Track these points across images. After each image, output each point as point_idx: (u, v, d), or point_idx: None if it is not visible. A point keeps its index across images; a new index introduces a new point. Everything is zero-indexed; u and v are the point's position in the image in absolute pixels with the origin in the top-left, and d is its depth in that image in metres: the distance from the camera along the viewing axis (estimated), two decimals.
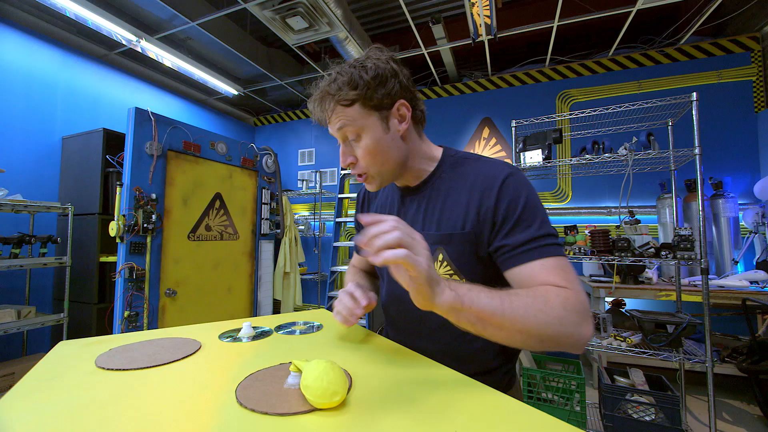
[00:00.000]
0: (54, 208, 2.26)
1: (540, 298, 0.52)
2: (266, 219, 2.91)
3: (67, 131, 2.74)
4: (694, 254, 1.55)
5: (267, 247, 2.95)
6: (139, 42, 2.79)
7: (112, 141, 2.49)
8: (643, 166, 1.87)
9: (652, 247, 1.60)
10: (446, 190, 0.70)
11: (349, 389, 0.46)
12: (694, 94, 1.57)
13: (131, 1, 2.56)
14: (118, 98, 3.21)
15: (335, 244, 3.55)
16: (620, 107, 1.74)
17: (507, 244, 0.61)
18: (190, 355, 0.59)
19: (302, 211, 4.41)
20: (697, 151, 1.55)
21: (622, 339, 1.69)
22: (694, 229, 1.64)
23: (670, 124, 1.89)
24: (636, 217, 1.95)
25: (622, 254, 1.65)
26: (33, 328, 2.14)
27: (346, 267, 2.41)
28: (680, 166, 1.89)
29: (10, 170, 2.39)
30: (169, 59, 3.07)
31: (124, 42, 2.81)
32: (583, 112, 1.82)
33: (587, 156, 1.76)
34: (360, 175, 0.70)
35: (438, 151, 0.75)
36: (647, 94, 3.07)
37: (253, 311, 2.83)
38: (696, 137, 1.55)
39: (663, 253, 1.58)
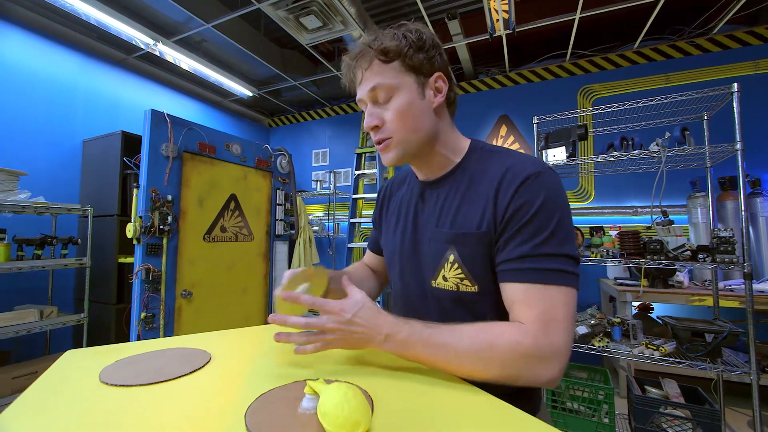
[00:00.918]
0: (74, 209, 2.30)
1: (485, 342, 0.51)
2: (281, 220, 2.90)
3: (88, 134, 2.79)
4: (735, 257, 1.44)
5: (281, 248, 2.94)
6: (156, 45, 2.82)
7: (131, 143, 2.52)
8: (675, 163, 1.76)
9: (687, 250, 1.50)
10: (467, 185, 0.65)
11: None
12: (735, 84, 1.46)
13: (147, 5, 2.58)
14: (137, 101, 3.26)
15: (350, 245, 3.52)
16: (651, 101, 1.64)
17: (500, 251, 0.57)
18: (199, 369, 0.55)
19: (316, 211, 4.40)
20: (738, 146, 1.44)
21: (654, 347, 1.59)
22: (735, 230, 1.52)
23: (706, 118, 1.77)
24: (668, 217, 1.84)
25: (655, 257, 1.55)
26: (55, 327, 2.18)
27: None
28: (717, 164, 1.77)
29: (33, 173, 2.44)
30: (185, 62, 3.10)
31: (141, 45, 2.85)
32: (610, 107, 1.72)
33: (615, 153, 1.67)
34: (380, 142, 0.65)
35: (465, 143, 0.70)
36: (676, 88, 2.91)
37: (268, 312, 2.82)
38: (737, 131, 1.44)
39: (700, 256, 1.47)
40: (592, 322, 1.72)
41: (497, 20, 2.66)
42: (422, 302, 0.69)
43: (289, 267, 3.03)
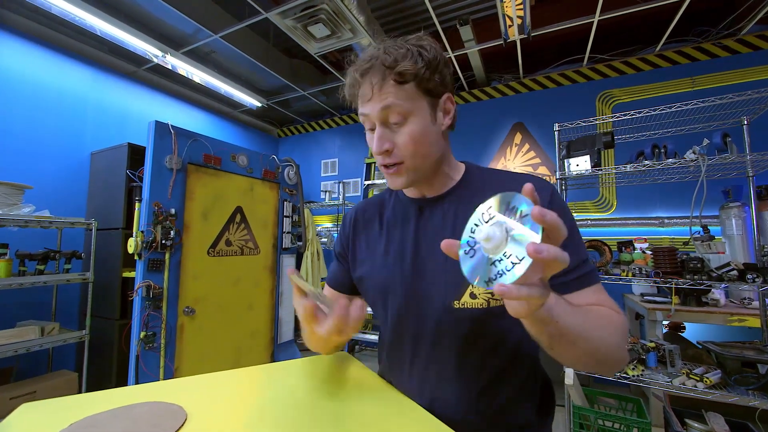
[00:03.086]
0: (78, 223, 2.25)
1: (606, 319, 0.52)
2: (288, 232, 2.82)
3: (97, 147, 2.78)
4: None
5: (288, 261, 2.85)
6: (165, 57, 2.81)
7: (137, 155, 2.48)
8: (713, 172, 1.61)
9: (734, 269, 1.34)
10: (480, 195, 0.59)
11: None
12: None
13: (156, 17, 2.57)
14: (146, 113, 3.25)
15: None
16: (686, 105, 1.50)
17: None
18: None
19: (325, 222, 4.32)
20: None
21: (697, 378, 1.42)
22: None
23: (746, 122, 1.62)
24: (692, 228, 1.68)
25: (695, 277, 1.40)
26: (56, 345, 2.12)
27: None
28: (760, 172, 1.61)
29: (40, 186, 2.42)
30: (193, 73, 3.08)
31: (149, 57, 2.84)
32: (639, 112, 1.59)
33: (646, 162, 1.53)
34: (389, 166, 0.61)
35: (461, 164, 0.71)
36: (703, 92, 2.75)
37: (275, 329, 2.72)
38: None
39: (749, 276, 1.31)
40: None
41: (510, 26, 2.56)
42: (437, 329, 0.62)
43: None
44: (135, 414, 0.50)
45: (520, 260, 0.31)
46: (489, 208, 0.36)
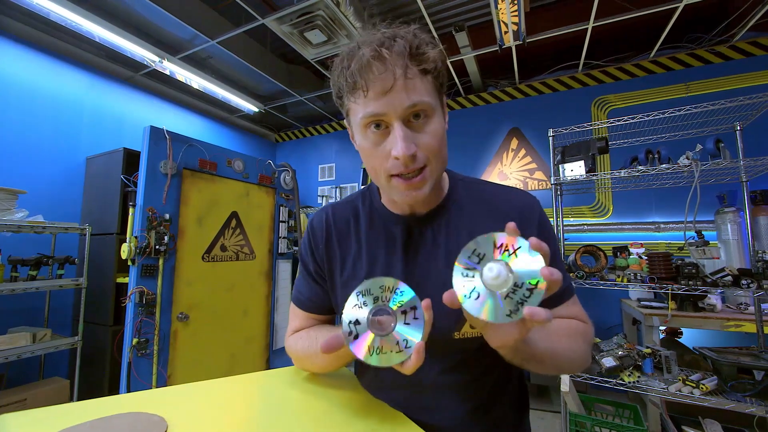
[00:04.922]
0: (72, 228, 2.24)
1: (574, 335, 0.55)
2: (284, 237, 2.81)
3: (93, 152, 2.77)
4: None
5: (284, 266, 2.84)
6: (162, 62, 2.81)
7: (132, 160, 2.47)
8: (707, 177, 1.61)
9: (728, 274, 1.34)
10: (470, 220, 0.58)
11: None
12: None
13: (153, 23, 2.58)
14: (143, 118, 3.25)
15: None
16: (679, 110, 1.51)
17: None
18: None
19: None
20: None
21: (693, 384, 1.41)
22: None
23: (739, 128, 1.63)
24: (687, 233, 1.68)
25: (690, 282, 1.39)
26: (48, 351, 2.09)
27: None
28: (753, 178, 1.62)
29: (35, 191, 2.41)
30: (190, 78, 3.09)
31: (147, 63, 2.85)
32: (633, 118, 1.60)
33: (640, 167, 1.53)
34: (410, 176, 0.50)
35: (443, 174, 0.66)
36: (697, 97, 2.77)
37: (270, 334, 2.70)
38: None
39: (744, 281, 1.31)
40: (620, 353, 1.55)
41: (505, 32, 2.58)
42: (433, 358, 0.57)
43: (293, 286, 2.92)
44: (113, 426, 0.49)
45: (536, 285, 0.35)
46: (473, 251, 0.39)
